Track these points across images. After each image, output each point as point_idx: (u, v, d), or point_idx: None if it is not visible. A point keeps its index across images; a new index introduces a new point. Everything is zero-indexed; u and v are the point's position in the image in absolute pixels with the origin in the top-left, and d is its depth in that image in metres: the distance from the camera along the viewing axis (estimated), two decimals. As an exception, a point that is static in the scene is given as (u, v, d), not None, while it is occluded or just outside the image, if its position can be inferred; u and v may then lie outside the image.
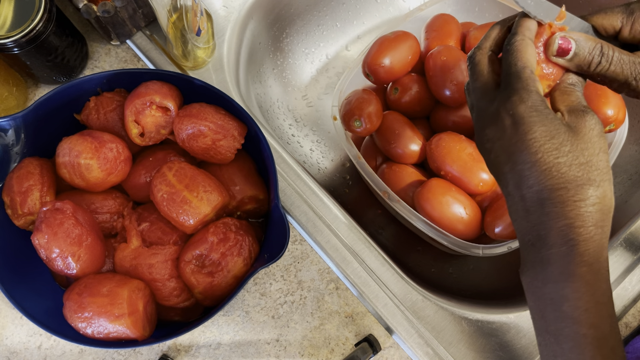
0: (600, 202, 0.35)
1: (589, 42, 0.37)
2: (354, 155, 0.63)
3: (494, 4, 0.73)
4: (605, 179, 0.35)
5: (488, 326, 0.57)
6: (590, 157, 0.35)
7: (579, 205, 0.35)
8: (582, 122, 0.35)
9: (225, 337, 0.57)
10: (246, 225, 0.55)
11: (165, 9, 0.54)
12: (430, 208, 0.60)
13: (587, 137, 0.35)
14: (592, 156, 0.35)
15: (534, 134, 0.35)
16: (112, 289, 0.49)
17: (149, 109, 0.55)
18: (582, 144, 0.35)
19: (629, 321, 0.58)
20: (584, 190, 0.34)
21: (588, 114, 0.36)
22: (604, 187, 0.35)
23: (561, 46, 0.37)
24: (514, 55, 0.37)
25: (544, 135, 0.35)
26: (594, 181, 0.35)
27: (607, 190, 0.35)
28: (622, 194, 0.72)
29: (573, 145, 0.35)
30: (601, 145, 0.35)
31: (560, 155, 0.34)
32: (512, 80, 0.36)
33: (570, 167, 0.34)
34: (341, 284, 0.59)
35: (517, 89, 0.36)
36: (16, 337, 0.57)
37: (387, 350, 0.56)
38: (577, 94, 0.37)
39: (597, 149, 0.35)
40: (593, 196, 0.34)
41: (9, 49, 0.55)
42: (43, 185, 0.53)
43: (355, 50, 0.86)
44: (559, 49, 0.37)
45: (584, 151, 0.35)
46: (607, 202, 0.35)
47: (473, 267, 0.74)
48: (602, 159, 0.35)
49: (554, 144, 0.34)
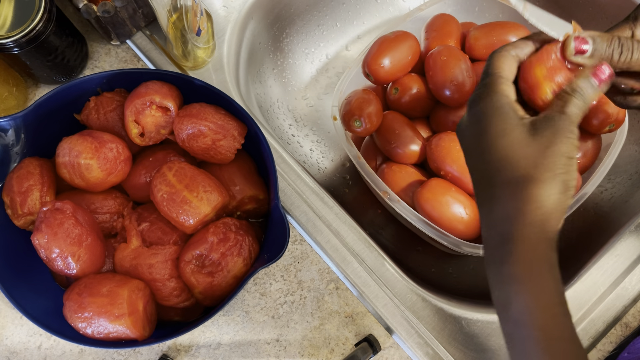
0: (541, 203, 0.35)
1: (605, 36, 0.38)
2: (354, 155, 0.63)
3: (494, 4, 0.73)
4: (553, 180, 0.35)
5: (488, 326, 0.57)
6: (542, 158, 0.35)
7: (518, 204, 0.35)
8: (545, 125, 0.36)
9: (225, 337, 0.57)
10: (246, 225, 0.55)
11: (165, 9, 0.54)
12: (430, 208, 0.60)
13: (544, 140, 0.35)
14: (544, 158, 0.35)
15: (490, 129, 0.37)
16: (112, 289, 0.49)
17: (149, 109, 0.55)
18: (536, 145, 0.35)
19: (629, 321, 0.58)
20: (526, 190, 0.35)
21: (555, 119, 0.36)
22: (548, 189, 0.35)
23: (578, 45, 0.38)
24: (489, 64, 0.40)
25: (499, 131, 0.37)
26: (538, 181, 0.35)
27: (552, 191, 0.35)
28: (622, 194, 0.72)
29: (526, 145, 0.36)
30: (560, 149, 0.35)
31: (510, 153, 0.36)
32: (483, 82, 0.39)
33: (517, 165, 0.35)
34: (341, 284, 0.59)
35: (486, 89, 0.38)
36: (16, 337, 0.57)
37: (387, 350, 0.56)
38: (570, 100, 0.37)
39: (553, 151, 0.35)
40: (533, 196, 0.35)
41: (9, 49, 0.55)
42: (43, 185, 0.53)
43: (355, 50, 0.86)
44: (576, 47, 0.38)
45: (536, 152, 0.35)
46: (550, 203, 0.35)
47: (473, 267, 0.74)
48: (558, 162, 0.35)
49: (507, 141, 0.36)
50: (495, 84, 0.38)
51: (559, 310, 0.34)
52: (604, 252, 0.60)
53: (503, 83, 0.38)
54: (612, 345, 0.57)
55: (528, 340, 0.34)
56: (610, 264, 0.60)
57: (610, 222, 0.69)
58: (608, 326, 0.58)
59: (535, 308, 0.34)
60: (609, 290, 0.59)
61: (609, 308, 0.58)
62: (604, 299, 0.58)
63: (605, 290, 0.59)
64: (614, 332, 0.58)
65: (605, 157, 0.60)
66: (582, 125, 0.62)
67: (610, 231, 0.66)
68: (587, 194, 0.59)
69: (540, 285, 0.34)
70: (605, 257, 0.60)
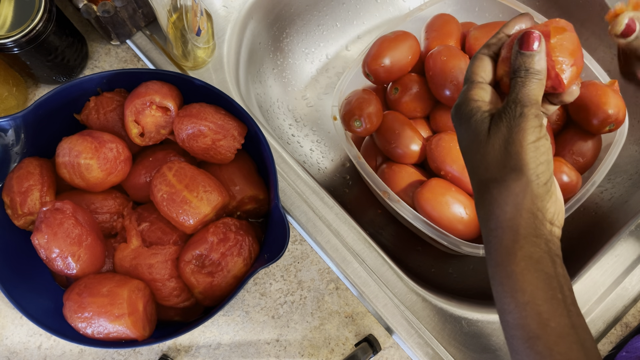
0: (505, 202, 0.35)
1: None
2: (354, 155, 0.63)
3: (494, 4, 0.73)
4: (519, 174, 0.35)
5: (488, 326, 0.57)
6: (506, 157, 0.35)
7: (488, 206, 0.36)
8: (498, 121, 0.36)
9: (225, 337, 0.57)
10: (246, 225, 0.55)
11: (165, 9, 0.54)
12: (430, 208, 0.60)
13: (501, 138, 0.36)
14: (508, 156, 0.35)
15: (464, 137, 0.39)
16: (112, 289, 0.49)
17: (149, 109, 0.55)
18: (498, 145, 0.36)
19: (629, 321, 0.58)
20: (492, 191, 0.36)
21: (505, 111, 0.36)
22: (514, 186, 0.35)
23: (629, 26, 0.38)
24: (467, 70, 0.41)
25: (470, 138, 0.38)
26: (501, 181, 0.35)
27: (518, 190, 0.35)
28: (622, 194, 0.72)
29: (492, 148, 0.36)
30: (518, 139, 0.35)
31: (479, 157, 0.37)
32: (462, 90, 0.40)
33: (486, 168, 0.36)
34: (341, 284, 0.59)
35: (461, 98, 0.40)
36: (16, 337, 0.57)
37: (387, 350, 0.56)
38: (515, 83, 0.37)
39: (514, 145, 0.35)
40: (498, 196, 0.35)
41: (9, 49, 0.55)
42: (43, 185, 0.53)
43: (355, 50, 0.86)
44: (625, 28, 0.38)
45: (499, 153, 0.36)
46: (517, 200, 0.35)
47: (473, 267, 0.74)
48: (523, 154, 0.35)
49: (475, 146, 0.37)
50: (467, 90, 0.39)
51: (545, 307, 0.33)
52: (604, 252, 0.60)
53: (475, 87, 0.39)
54: (612, 345, 0.57)
55: (515, 340, 0.34)
56: (610, 264, 0.60)
57: (611, 222, 0.69)
58: (608, 326, 0.58)
59: (515, 307, 0.34)
60: (609, 290, 0.59)
61: (609, 308, 0.58)
62: (604, 299, 0.58)
63: (605, 290, 0.59)
64: (614, 332, 0.58)
65: (605, 157, 0.60)
66: (582, 125, 0.62)
67: (610, 231, 0.66)
68: (587, 194, 0.59)
69: (518, 284, 0.34)
70: (605, 257, 0.60)
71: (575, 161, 0.63)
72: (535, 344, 0.33)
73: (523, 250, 0.34)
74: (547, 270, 0.34)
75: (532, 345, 0.33)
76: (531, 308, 0.33)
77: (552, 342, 0.33)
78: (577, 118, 0.62)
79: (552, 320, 0.33)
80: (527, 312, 0.33)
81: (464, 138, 0.39)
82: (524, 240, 0.34)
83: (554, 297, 0.34)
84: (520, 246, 0.34)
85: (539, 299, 0.34)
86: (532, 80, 0.36)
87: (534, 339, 0.33)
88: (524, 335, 0.33)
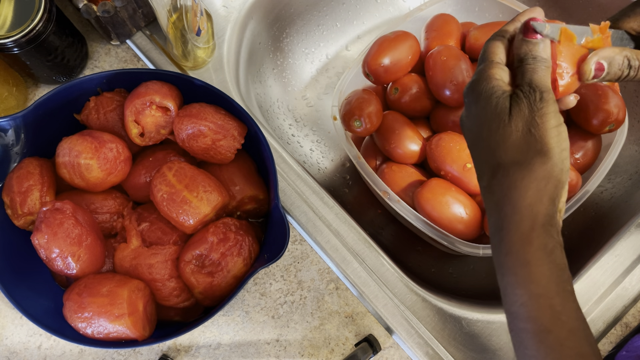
0: (527, 187, 0.34)
1: (617, 58, 0.37)
2: (354, 155, 0.63)
3: (494, 4, 0.72)
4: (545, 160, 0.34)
5: (488, 326, 0.57)
6: (528, 141, 0.34)
7: (505, 191, 0.34)
8: (517, 107, 0.35)
9: (225, 337, 0.57)
10: (246, 225, 0.55)
11: (165, 9, 0.54)
12: (430, 208, 0.60)
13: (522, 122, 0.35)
14: (531, 139, 0.34)
15: (481, 116, 0.37)
16: (112, 289, 0.49)
17: (149, 109, 0.55)
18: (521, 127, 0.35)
19: (629, 321, 0.58)
20: (513, 175, 0.34)
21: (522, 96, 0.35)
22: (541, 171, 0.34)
23: (596, 71, 0.38)
24: (482, 51, 0.40)
25: (489, 119, 0.36)
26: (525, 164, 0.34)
27: (543, 175, 0.33)
28: (622, 194, 0.72)
29: (515, 129, 0.35)
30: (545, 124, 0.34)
31: (499, 139, 0.35)
32: (477, 69, 0.39)
33: (505, 151, 0.35)
34: (341, 284, 0.59)
35: (478, 75, 0.38)
36: (16, 337, 0.57)
37: (387, 350, 0.56)
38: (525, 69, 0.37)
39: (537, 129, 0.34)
40: (520, 180, 0.34)
41: (9, 49, 0.55)
42: (43, 185, 0.53)
43: (355, 50, 0.86)
44: (595, 73, 0.38)
45: (521, 135, 0.34)
46: (542, 185, 0.34)
47: (473, 267, 0.74)
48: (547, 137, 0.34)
49: (495, 127, 0.36)
50: (486, 68, 0.38)
51: (557, 300, 0.33)
52: (604, 252, 0.60)
53: (494, 67, 0.38)
54: (612, 345, 0.57)
55: (524, 333, 0.33)
56: (610, 264, 0.60)
57: (611, 222, 0.69)
58: (608, 326, 0.58)
59: (528, 299, 0.33)
60: (609, 290, 0.59)
61: (609, 308, 0.58)
62: (604, 299, 0.58)
63: (605, 290, 0.59)
64: (614, 332, 0.58)
65: (605, 157, 0.60)
66: (582, 125, 0.62)
67: (610, 231, 0.66)
68: (587, 194, 0.59)
69: (533, 275, 0.33)
70: (605, 256, 0.60)
71: (575, 161, 0.63)
72: (546, 337, 0.32)
73: (539, 240, 0.33)
74: (559, 261, 0.33)
75: (543, 339, 0.32)
76: (544, 300, 0.32)
77: (564, 337, 0.32)
78: (577, 118, 0.62)
79: (564, 313, 0.32)
80: (540, 305, 0.32)
81: (480, 116, 0.37)
82: (541, 229, 0.33)
83: (565, 289, 0.33)
84: (537, 235, 0.33)
85: (552, 292, 0.33)
86: (542, 67, 0.36)
87: (545, 333, 0.32)
88: (535, 328, 0.32)
